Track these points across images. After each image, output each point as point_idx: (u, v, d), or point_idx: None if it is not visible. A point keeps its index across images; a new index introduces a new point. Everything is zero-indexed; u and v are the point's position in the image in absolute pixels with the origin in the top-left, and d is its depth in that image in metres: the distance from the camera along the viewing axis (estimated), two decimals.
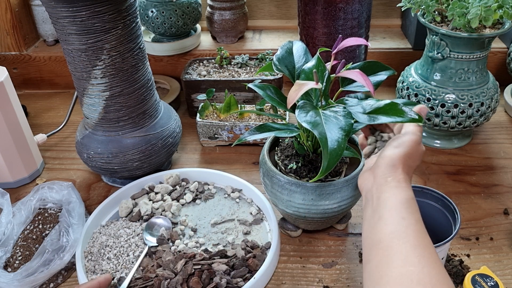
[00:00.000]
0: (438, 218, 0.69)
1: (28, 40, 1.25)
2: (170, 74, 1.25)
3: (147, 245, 0.75)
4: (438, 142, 0.98)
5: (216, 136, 0.99)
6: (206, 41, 1.28)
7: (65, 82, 1.28)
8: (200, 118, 0.99)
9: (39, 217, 0.79)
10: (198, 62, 1.13)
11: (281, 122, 0.69)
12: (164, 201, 0.83)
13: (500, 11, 0.81)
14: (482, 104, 0.89)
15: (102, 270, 0.71)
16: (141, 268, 0.71)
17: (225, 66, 1.12)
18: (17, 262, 0.72)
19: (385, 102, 0.59)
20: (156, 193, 0.85)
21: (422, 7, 0.87)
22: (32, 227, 0.77)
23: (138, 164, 0.84)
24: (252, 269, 0.69)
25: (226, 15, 1.20)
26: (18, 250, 0.73)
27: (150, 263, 0.71)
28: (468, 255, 0.74)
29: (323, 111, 0.58)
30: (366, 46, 0.99)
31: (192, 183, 0.88)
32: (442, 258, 0.67)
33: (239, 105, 1.00)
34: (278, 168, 0.71)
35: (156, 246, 0.74)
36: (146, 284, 0.67)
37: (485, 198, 0.85)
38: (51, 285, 0.71)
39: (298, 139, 0.69)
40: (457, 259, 0.71)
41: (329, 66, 0.65)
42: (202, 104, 1.00)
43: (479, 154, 0.96)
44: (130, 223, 0.79)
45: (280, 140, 0.76)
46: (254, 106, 1.02)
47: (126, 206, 0.82)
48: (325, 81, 0.63)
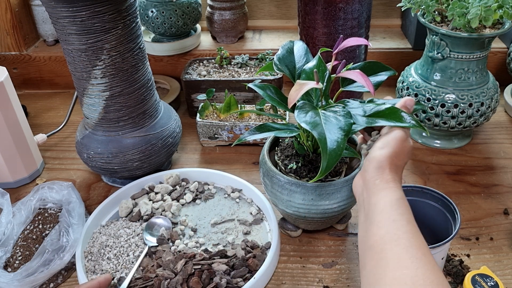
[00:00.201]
0: (438, 218, 0.69)
1: (28, 40, 1.25)
2: (170, 74, 1.25)
3: (147, 245, 0.75)
4: (438, 142, 0.98)
5: (216, 136, 0.99)
6: (206, 41, 1.28)
7: (65, 82, 1.28)
8: (200, 118, 0.99)
9: (39, 217, 0.79)
10: (198, 62, 1.13)
11: (281, 122, 0.69)
12: (164, 201, 0.83)
13: (500, 11, 0.81)
14: (482, 104, 0.89)
15: (102, 270, 0.71)
16: (141, 268, 0.71)
17: (225, 66, 1.12)
18: (17, 262, 0.72)
19: (385, 106, 0.59)
20: (156, 193, 0.85)
21: (422, 7, 0.87)
22: (32, 227, 0.77)
23: (138, 164, 0.84)
24: (252, 269, 0.69)
25: (226, 15, 1.20)
26: (18, 250, 0.73)
27: (150, 263, 0.71)
28: (468, 255, 0.74)
29: (323, 111, 0.58)
30: (366, 46, 0.99)
31: (192, 183, 0.88)
32: (442, 258, 0.67)
33: (239, 105, 1.00)
34: (278, 168, 0.71)
35: (156, 246, 0.74)
36: (146, 284, 0.67)
37: (485, 198, 0.85)
38: (51, 285, 0.71)
39: (298, 139, 0.69)
40: (457, 259, 0.71)
41: (329, 66, 0.65)
42: (202, 104, 1.00)
43: (479, 154, 0.96)
44: (130, 223, 0.79)
45: (280, 140, 0.76)
46: (254, 106, 1.02)
47: (126, 206, 0.82)
48: (325, 81, 0.63)
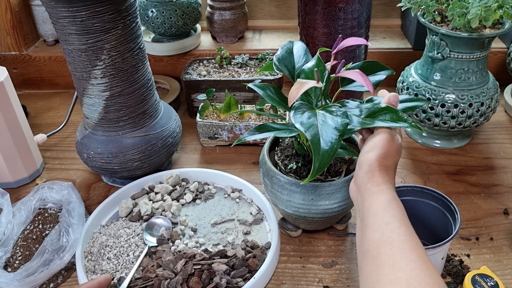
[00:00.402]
0: (438, 218, 0.69)
1: (28, 40, 1.25)
2: (170, 74, 1.25)
3: (147, 245, 0.75)
4: (438, 142, 0.98)
5: (216, 136, 0.99)
6: (206, 41, 1.28)
7: (65, 82, 1.28)
8: (200, 118, 0.99)
9: (39, 217, 0.79)
10: (198, 62, 1.13)
11: (281, 122, 0.69)
12: (164, 201, 0.83)
13: (500, 11, 0.81)
14: (482, 104, 0.89)
15: (102, 270, 0.71)
16: (141, 268, 0.71)
17: (225, 66, 1.12)
18: (17, 262, 0.72)
19: (382, 105, 0.59)
20: (156, 193, 0.85)
21: (422, 7, 0.87)
22: (32, 227, 0.77)
23: (138, 164, 0.84)
24: (252, 269, 0.69)
25: (226, 15, 1.20)
26: (18, 250, 0.73)
27: (150, 263, 0.71)
28: (468, 255, 0.74)
29: (321, 111, 0.58)
30: (366, 46, 0.99)
31: (192, 183, 0.88)
32: (442, 258, 0.67)
33: (239, 105, 1.00)
34: (278, 168, 0.71)
35: (156, 246, 0.74)
36: (146, 284, 0.67)
37: (485, 198, 0.85)
38: (51, 285, 0.71)
39: (298, 139, 0.69)
40: (457, 259, 0.71)
41: (329, 66, 0.65)
42: (202, 104, 1.00)
43: (479, 154, 0.96)
44: (130, 223, 0.79)
45: (280, 140, 0.76)
46: (254, 106, 1.02)
47: (126, 206, 0.82)
48: (325, 81, 0.63)
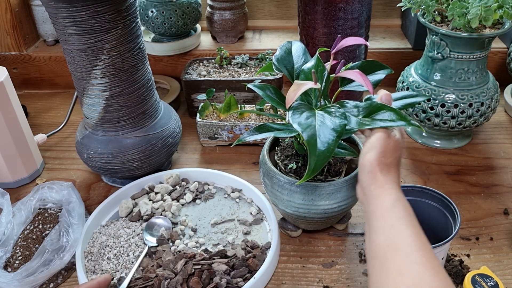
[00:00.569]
0: (438, 218, 0.69)
1: (28, 40, 1.25)
2: (170, 74, 1.25)
3: (147, 245, 0.75)
4: (438, 142, 0.98)
5: (216, 136, 0.99)
6: (206, 41, 1.28)
7: (65, 82, 1.28)
8: (200, 118, 0.99)
9: (39, 217, 0.79)
10: (198, 62, 1.13)
11: (281, 122, 0.69)
12: (164, 201, 0.83)
13: (500, 11, 0.81)
14: (482, 104, 0.89)
15: (102, 270, 0.71)
16: (141, 268, 0.71)
17: (225, 66, 1.12)
18: (17, 262, 0.72)
19: (378, 104, 0.59)
20: (156, 193, 0.85)
21: (422, 7, 0.87)
22: (32, 227, 0.77)
23: (138, 164, 0.84)
24: (252, 269, 0.69)
25: (226, 15, 1.20)
26: (18, 250, 0.73)
27: (150, 263, 0.71)
28: (468, 255, 0.74)
29: (319, 112, 0.58)
30: (366, 46, 0.99)
31: (192, 183, 0.88)
32: (442, 258, 0.67)
33: (239, 105, 1.00)
34: (278, 168, 0.71)
35: (156, 246, 0.74)
36: (146, 284, 0.67)
37: (485, 198, 0.85)
38: (51, 285, 0.71)
39: (298, 139, 0.69)
40: (457, 259, 0.71)
41: (328, 66, 0.65)
42: (202, 104, 1.00)
43: (479, 154, 0.96)
44: (130, 223, 0.79)
45: (280, 140, 0.76)
46: (254, 106, 1.02)
47: (126, 206, 0.82)
48: (324, 81, 0.63)
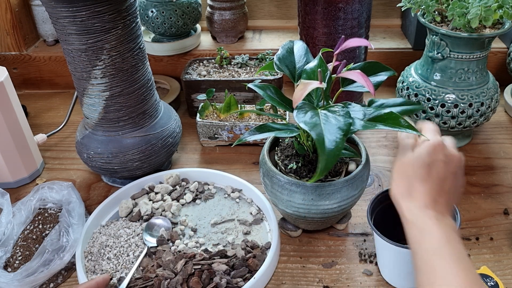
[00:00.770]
0: None
1: (28, 40, 1.25)
2: (170, 74, 1.25)
3: (147, 245, 0.75)
4: None
5: (216, 136, 0.99)
6: (206, 41, 1.28)
7: (65, 82, 1.28)
8: (200, 118, 0.99)
9: (39, 217, 0.79)
10: (198, 62, 1.13)
11: (281, 122, 0.69)
12: (164, 201, 0.83)
13: (500, 11, 0.81)
14: (482, 104, 0.89)
15: (102, 270, 0.71)
16: (141, 268, 0.71)
17: (225, 66, 1.12)
18: (17, 262, 0.72)
19: (384, 111, 0.60)
20: (156, 193, 0.85)
21: (422, 7, 0.87)
22: (32, 227, 0.77)
23: (138, 164, 0.84)
24: (252, 269, 0.69)
25: (226, 15, 1.20)
26: (18, 250, 0.73)
27: (150, 263, 0.71)
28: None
29: (323, 111, 0.58)
30: (366, 46, 0.99)
31: (192, 183, 0.88)
32: None
33: (239, 105, 1.00)
34: (278, 168, 0.71)
35: (156, 247, 0.74)
36: (146, 284, 0.67)
37: (485, 198, 0.85)
38: (51, 285, 0.71)
39: (298, 139, 0.69)
40: None
41: (330, 66, 0.65)
42: (202, 104, 1.00)
43: (479, 154, 0.96)
44: (130, 223, 0.79)
45: (280, 140, 0.76)
46: (254, 106, 1.02)
47: (126, 206, 0.82)
48: (326, 81, 0.63)
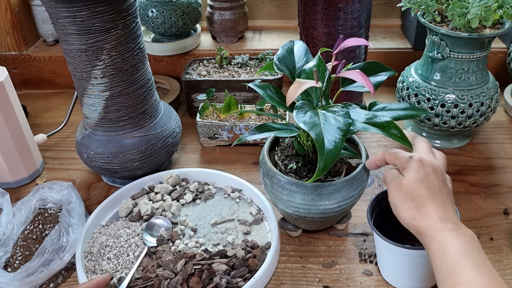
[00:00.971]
0: None
1: (28, 40, 1.25)
2: (170, 74, 1.25)
3: (147, 245, 0.75)
4: (438, 142, 0.98)
5: (216, 136, 0.99)
6: (206, 41, 1.28)
7: (65, 82, 1.28)
8: (200, 118, 0.99)
9: (39, 217, 0.79)
10: (198, 62, 1.13)
11: (281, 122, 0.69)
12: (164, 201, 0.83)
13: (500, 11, 0.81)
14: (482, 104, 0.89)
15: (102, 270, 0.71)
16: (141, 268, 0.71)
17: (225, 66, 1.12)
18: (17, 262, 0.72)
19: (385, 119, 0.60)
20: (156, 193, 0.85)
21: (422, 7, 0.87)
22: (32, 227, 0.77)
23: (138, 164, 0.84)
24: (252, 269, 0.69)
25: (226, 15, 1.20)
26: (18, 250, 0.73)
27: (150, 263, 0.71)
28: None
29: (322, 111, 0.58)
30: (366, 46, 0.99)
31: (192, 183, 0.88)
32: None
33: (239, 105, 1.00)
34: (278, 168, 0.71)
35: (156, 246, 0.74)
36: (146, 284, 0.67)
37: (485, 198, 0.85)
38: (51, 285, 0.71)
39: (298, 139, 0.69)
40: None
41: (329, 66, 0.65)
42: (202, 104, 1.00)
43: (479, 154, 0.96)
44: (130, 223, 0.79)
45: (280, 140, 0.76)
46: (254, 106, 1.02)
47: (126, 206, 0.82)
48: (325, 81, 0.63)
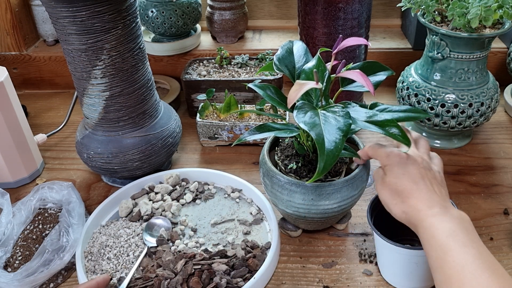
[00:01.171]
0: None
1: (28, 40, 1.25)
2: (170, 74, 1.25)
3: (147, 245, 0.75)
4: (438, 142, 0.98)
5: (216, 136, 0.99)
6: (206, 41, 1.28)
7: (65, 82, 1.28)
8: (200, 118, 0.99)
9: (39, 217, 0.79)
10: (198, 62, 1.13)
11: (281, 122, 0.69)
12: (164, 201, 0.83)
13: (500, 11, 0.81)
14: (482, 104, 0.89)
15: (102, 270, 0.71)
16: (141, 268, 0.71)
17: (225, 66, 1.12)
18: (17, 262, 0.72)
19: (385, 117, 0.60)
20: (156, 193, 0.85)
21: (422, 7, 0.87)
22: (32, 227, 0.77)
23: (138, 164, 0.84)
24: (252, 269, 0.69)
25: (226, 15, 1.20)
26: (18, 250, 0.73)
27: (150, 263, 0.71)
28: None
29: (322, 111, 0.58)
30: (366, 46, 0.99)
31: (192, 183, 0.88)
32: None
33: (239, 105, 1.00)
34: (278, 168, 0.71)
35: (156, 247, 0.74)
36: (146, 284, 0.67)
37: (485, 198, 0.85)
38: (51, 285, 0.71)
39: (298, 139, 0.69)
40: None
41: (329, 66, 0.65)
42: (202, 104, 1.00)
43: (479, 154, 0.96)
44: (130, 223, 0.79)
45: (280, 140, 0.76)
46: (254, 106, 1.02)
47: (126, 206, 0.82)
48: (325, 81, 0.63)
